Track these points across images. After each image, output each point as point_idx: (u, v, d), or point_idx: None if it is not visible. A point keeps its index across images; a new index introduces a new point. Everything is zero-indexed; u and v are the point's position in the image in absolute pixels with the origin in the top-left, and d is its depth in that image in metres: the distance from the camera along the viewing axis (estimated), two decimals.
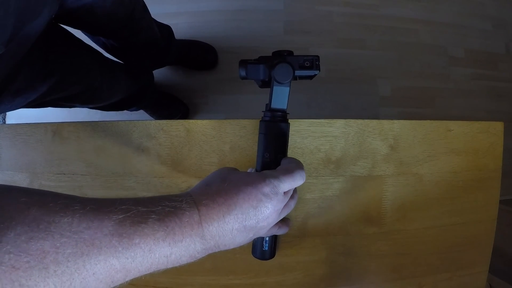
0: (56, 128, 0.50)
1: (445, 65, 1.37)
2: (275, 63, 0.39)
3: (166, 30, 0.99)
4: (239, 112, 1.25)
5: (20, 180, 0.50)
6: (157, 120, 0.51)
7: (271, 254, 0.46)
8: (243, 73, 0.41)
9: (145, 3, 0.77)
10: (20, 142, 0.50)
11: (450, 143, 0.56)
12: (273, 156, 0.41)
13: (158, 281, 0.52)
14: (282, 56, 0.41)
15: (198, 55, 1.19)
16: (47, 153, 0.50)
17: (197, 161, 0.51)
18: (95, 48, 0.73)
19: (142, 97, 1.01)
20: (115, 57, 0.87)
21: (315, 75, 0.42)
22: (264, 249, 0.46)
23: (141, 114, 1.18)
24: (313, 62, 0.41)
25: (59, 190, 0.50)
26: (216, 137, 0.51)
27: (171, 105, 1.18)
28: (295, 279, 0.54)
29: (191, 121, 0.51)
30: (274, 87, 0.40)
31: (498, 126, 0.57)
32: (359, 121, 0.53)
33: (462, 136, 0.56)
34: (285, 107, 0.41)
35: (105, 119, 0.94)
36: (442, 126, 0.56)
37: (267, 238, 0.45)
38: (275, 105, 0.41)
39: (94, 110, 1.01)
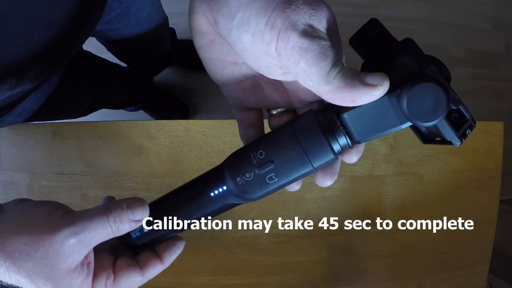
0: (56, 128, 0.50)
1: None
2: (419, 75, 0.21)
3: (171, 34, 0.98)
4: None
5: (20, 180, 0.50)
6: (157, 120, 0.52)
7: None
8: (371, 31, 0.24)
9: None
10: (20, 142, 0.50)
11: None
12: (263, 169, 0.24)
13: (158, 281, 0.52)
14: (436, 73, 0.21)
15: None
16: (47, 153, 0.50)
17: (197, 161, 0.51)
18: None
19: (140, 98, 1.01)
20: (123, 62, 0.86)
21: (447, 143, 0.23)
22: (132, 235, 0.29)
23: (141, 114, 1.18)
24: (463, 122, 0.22)
25: (59, 190, 0.50)
26: (216, 137, 0.51)
27: (171, 105, 1.18)
28: (295, 279, 0.54)
29: (191, 121, 0.51)
30: (379, 103, 0.21)
31: (498, 126, 0.57)
32: None
33: None
34: (359, 140, 0.24)
35: (105, 119, 0.94)
36: None
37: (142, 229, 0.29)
38: (352, 122, 0.23)
39: None
